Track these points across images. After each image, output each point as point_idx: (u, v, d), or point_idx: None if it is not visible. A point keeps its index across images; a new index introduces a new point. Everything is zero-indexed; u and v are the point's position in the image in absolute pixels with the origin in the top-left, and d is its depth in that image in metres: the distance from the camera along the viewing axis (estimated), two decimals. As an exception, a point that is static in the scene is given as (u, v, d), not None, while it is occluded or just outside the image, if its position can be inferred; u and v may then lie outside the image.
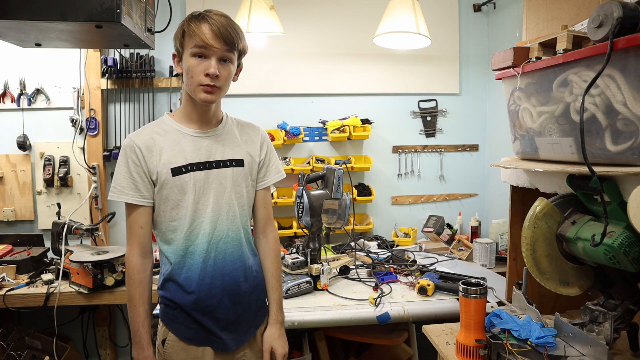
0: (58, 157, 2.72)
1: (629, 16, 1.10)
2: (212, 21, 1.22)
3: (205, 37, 1.21)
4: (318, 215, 2.12)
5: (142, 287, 1.29)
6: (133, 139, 1.29)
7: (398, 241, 2.82)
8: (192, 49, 1.23)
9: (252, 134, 1.43)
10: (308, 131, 2.93)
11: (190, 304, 1.29)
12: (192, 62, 1.24)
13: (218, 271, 1.32)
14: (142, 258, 1.30)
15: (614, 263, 1.19)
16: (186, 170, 1.28)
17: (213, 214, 1.31)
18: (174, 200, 1.28)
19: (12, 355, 2.29)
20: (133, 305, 1.28)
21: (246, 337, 1.38)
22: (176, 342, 1.30)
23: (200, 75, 1.23)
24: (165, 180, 1.27)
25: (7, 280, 2.22)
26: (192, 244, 1.30)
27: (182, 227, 1.29)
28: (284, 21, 2.59)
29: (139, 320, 1.28)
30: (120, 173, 1.28)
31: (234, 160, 1.35)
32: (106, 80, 2.70)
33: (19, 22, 1.71)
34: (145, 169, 1.27)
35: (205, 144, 1.32)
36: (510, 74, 1.56)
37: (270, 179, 1.46)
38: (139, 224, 1.30)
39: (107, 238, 2.77)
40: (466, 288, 1.30)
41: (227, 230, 1.33)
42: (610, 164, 1.21)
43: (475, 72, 3.07)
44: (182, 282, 1.29)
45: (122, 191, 1.27)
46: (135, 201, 1.28)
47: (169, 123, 1.33)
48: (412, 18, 2.30)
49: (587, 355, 1.23)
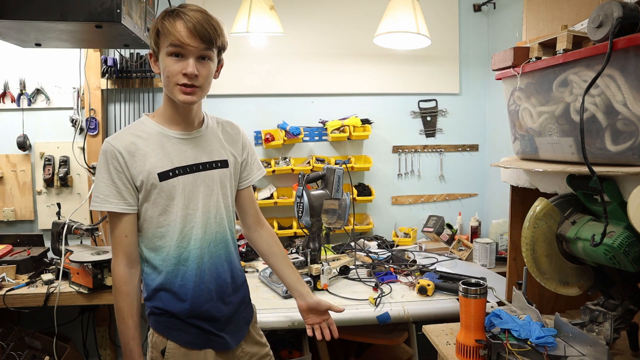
0: (58, 157, 2.72)
1: (629, 16, 1.10)
2: (187, 18, 1.15)
3: (180, 36, 1.14)
4: (318, 215, 2.12)
5: (130, 299, 1.23)
6: (113, 143, 1.21)
7: (398, 241, 2.82)
8: (167, 49, 1.17)
9: (233, 134, 1.40)
10: (308, 131, 2.93)
11: (186, 311, 1.26)
12: (168, 62, 1.18)
13: (212, 275, 1.30)
14: (129, 268, 1.25)
15: (614, 263, 1.19)
16: (174, 175, 1.23)
17: (203, 218, 1.27)
18: (162, 206, 1.23)
19: (12, 355, 2.29)
20: (122, 318, 1.23)
21: (242, 333, 1.38)
22: (177, 349, 1.26)
23: (178, 75, 1.17)
24: (152, 186, 1.21)
25: (7, 280, 2.21)
26: (184, 251, 1.25)
27: (171, 233, 1.24)
28: (284, 21, 2.59)
29: (128, 333, 1.23)
30: (101, 180, 1.21)
31: (220, 162, 1.33)
32: (106, 80, 2.70)
33: (19, 22, 1.71)
34: (127, 174, 1.20)
35: (190, 146, 1.28)
36: (510, 74, 1.56)
37: (254, 176, 1.45)
38: (123, 233, 1.23)
39: (107, 238, 2.77)
40: (466, 288, 1.30)
41: (215, 233, 1.30)
42: (610, 164, 1.21)
43: (475, 72, 3.07)
44: (177, 291, 1.25)
45: (106, 199, 1.20)
46: (120, 209, 1.21)
47: (150, 125, 1.26)
48: (412, 18, 2.30)
49: (587, 355, 1.23)
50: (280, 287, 1.95)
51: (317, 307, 1.45)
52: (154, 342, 1.28)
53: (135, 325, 1.24)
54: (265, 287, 2.08)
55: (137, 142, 1.23)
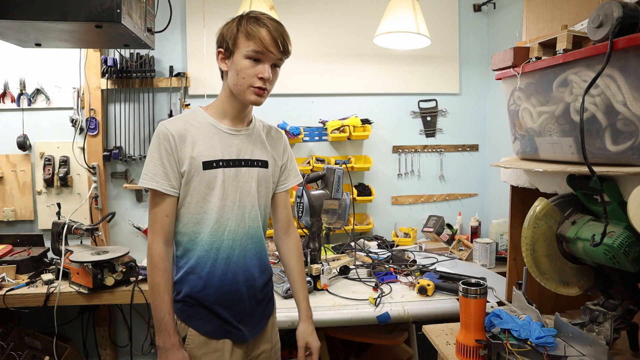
0: (58, 157, 2.72)
1: (629, 16, 1.10)
2: (270, 27, 1.25)
3: (265, 42, 1.23)
4: (318, 215, 2.12)
5: (167, 275, 1.29)
6: (167, 126, 1.28)
7: (398, 241, 2.82)
8: (248, 52, 1.24)
9: (276, 138, 1.48)
10: (308, 131, 2.93)
11: (212, 297, 1.31)
12: (245, 64, 1.25)
13: (240, 267, 1.35)
14: (166, 247, 1.30)
15: (614, 263, 1.19)
16: (217, 166, 1.30)
17: (239, 211, 1.33)
18: (201, 194, 1.29)
19: (12, 355, 2.29)
20: (158, 293, 1.27)
21: (259, 328, 1.42)
22: (197, 337, 1.31)
23: (253, 77, 1.26)
24: (195, 172, 1.28)
25: (7, 280, 2.21)
26: (217, 240, 1.31)
27: (207, 221, 1.30)
28: (284, 21, 2.56)
29: (164, 308, 1.27)
30: (151, 160, 1.28)
31: (261, 161, 1.39)
32: (106, 80, 2.70)
33: (19, 22, 1.71)
34: (176, 157, 1.27)
35: (236, 141, 1.35)
36: (510, 74, 1.56)
37: (290, 182, 1.53)
38: (164, 213, 1.29)
39: (107, 238, 2.77)
40: (466, 288, 1.30)
41: (249, 228, 1.36)
42: (610, 164, 1.21)
43: (475, 72, 3.07)
44: (205, 276, 1.31)
45: (153, 178, 1.27)
46: (165, 190, 1.27)
47: (203, 116, 1.34)
48: (412, 18, 2.30)
49: (587, 355, 1.23)
50: (281, 287, 1.95)
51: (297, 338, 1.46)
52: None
53: (171, 301, 1.29)
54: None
55: (189, 128, 1.30)
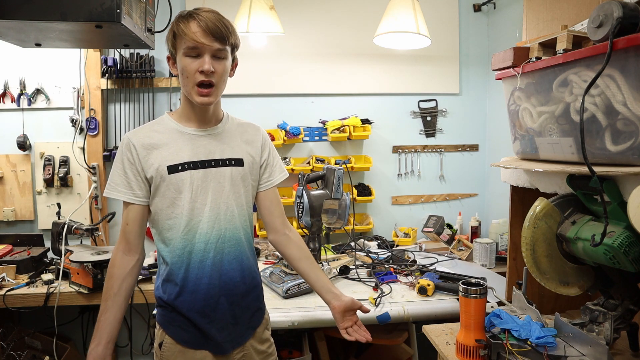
0: (58, 157, 2.72)
1: (629, 16, 1.10)
2: (200, 18, 1.21)
3: (195, 36, 1.20)
4: (318, 215, 2.12)
5: (112, 282, 1.29)
6: (130, 137, 1.29)
7: (398, 241, 2.82)
8: (184, 50, 1.23)
9: (252, 134, 1.43)
10: (308, 131, 2.93)
11: (187, 304, 1.28)
12: (185, 62, 1.23)
13: (216, 271, 1.31)
14: (123, 254, 1.31)
15: (614, 263, 1.19)
16: (183, 169, 1.28)
17: (211, 213, 1.30)
18: (170, 199, 1.28)
19: (12, 355, 2.29)
20: (103, 299, 1.28)
21: (244, 338, 1.36)
22: (173, 345, 1.29)
23: (195, 73, 1.23)
24: (161, 179, 1.27)
25: (7, 280, 2.22)
26: (189, 244, 1.29)
27: (178, 225, 1.28)
28: (284, 21, 2.59)
29: (100, 311, 1.28)
30: (115, 170, 1.30)
31: (234, 160, 1.35)
32: (106, 80, 2.70)
33: (19, 22, 1.71)
34: (139, 167, 1.27)
35: (204, 142, 1.32)
36: (510, 74, 1.56)
37: (275, 178, 1.48)
38: (125, 221, 1.31)
39: (107, 238, 2.77)
40: (466, 288, 1.30)
41: (224, 230, 1.32)
42: (610, 164, 1.21)
43: (475, 72, 3.07)
44: (180, 283, 1.28)
45: (115, 188, 1.29)
46: (127, 198, 1.29)
47: (168, 122, 1.33)
48: (412, 18, 2.30)
49: (587, 355, 1.23)
50: (280, 287, 1.95)
51: (352, 305, 1.43)
52: (156, 335, 1.33)
53: (108, 307, 1.27)
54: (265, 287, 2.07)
55: (153, 136, 1.30)
